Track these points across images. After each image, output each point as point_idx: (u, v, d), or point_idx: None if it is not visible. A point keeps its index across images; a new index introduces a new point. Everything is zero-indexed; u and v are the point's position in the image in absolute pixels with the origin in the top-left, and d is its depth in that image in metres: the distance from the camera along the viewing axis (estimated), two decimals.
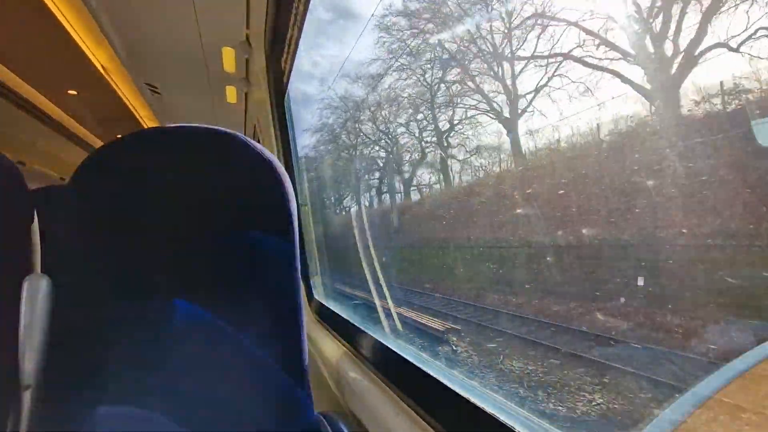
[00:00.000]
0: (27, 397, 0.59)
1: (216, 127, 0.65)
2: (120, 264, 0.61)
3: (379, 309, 1.37)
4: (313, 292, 1.51)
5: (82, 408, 0.56)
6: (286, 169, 0.66)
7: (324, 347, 1.10)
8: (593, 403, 2.43)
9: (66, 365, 0.59)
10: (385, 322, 1.31)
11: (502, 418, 0.49)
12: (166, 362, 0.59)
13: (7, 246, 0.64)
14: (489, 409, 0.51)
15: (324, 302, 1.41)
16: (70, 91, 3.60)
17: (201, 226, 0.63)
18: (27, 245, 0.66)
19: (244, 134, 0.67)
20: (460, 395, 0.57)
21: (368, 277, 1.47)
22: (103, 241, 0.62)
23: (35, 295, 0.60)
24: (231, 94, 2.19)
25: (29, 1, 2.24)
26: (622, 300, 2.98)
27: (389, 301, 1.40)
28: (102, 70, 3.13)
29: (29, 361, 0.58)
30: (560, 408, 2.52)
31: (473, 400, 0.54)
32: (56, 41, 2.63)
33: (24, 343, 0.58)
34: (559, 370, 2.89)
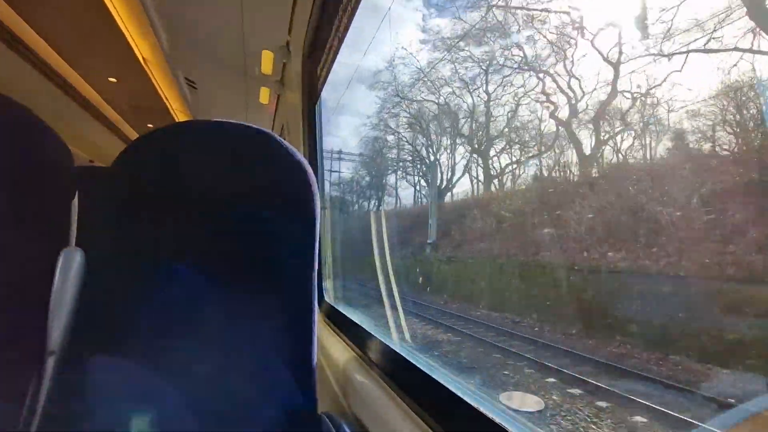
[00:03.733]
0: (50, 362, 0.62)
1: (254, 125, 0.68)
2: (149, 247, 0.64)
3: (389, 315, 1.38)
4: (324, 295, 1.53)
5: (100, 378, 0.59)
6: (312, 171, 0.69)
7: (331, 349, 1.12)
8: None
9: (89, 336, 0.62)
10: (393, 328, 1.32)
11: (511, 428, 0.50)
12: (183, 343, 0.62)
13: (50, 218, 0.68)
14: (498, 419, 0.51)
15: (334, 305, 1.43)
16: (111, 79, 3.76)
17: (230, 217, 0.66)
18: (66, 219, 0.71)
19: None
20: (467, 403, 0.58)
21: (380, 281, 1.49)
22: (136, 223, 0.65)
23: (68, 267, 0.63)
24: (264, 94, 2.27)
25: None
26: None
27: (399, 307, 1.41)
28: (143, 61, 3.28)
29: (56, 329, 0.62)
30: None
31: (481, 409, 0.55)
32: (104, 30, 2.76)
33: (53, 312, 0.62)
34: None
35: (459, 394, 0.61)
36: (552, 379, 3.61)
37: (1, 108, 0.63)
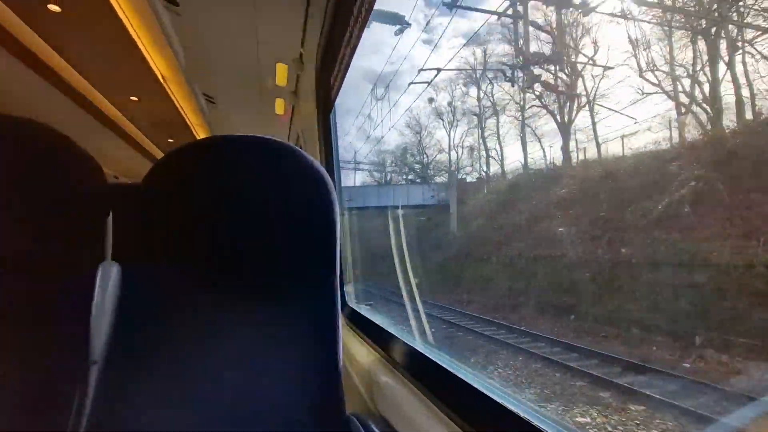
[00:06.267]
0: (94, 371, 0.66)
1: (275, 138, 0.71)
2: (180, 259, 0.67)
3: (411, 316, 1.40)
4: (346, 298, 1.56)
5: (139, 385, 0.62)
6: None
7: (355, 351, 1.14)
8: None
9: (128, 345, 0.65)
10: (415, 329, 1.34)
11: (538, 423, 0.51)
12: (214, 350, 0.64)
13: (87, 234, 0.73)
14: (523, 414, 0.52)
15: (356, 308, 1.46)
16: (132, 98, 3.91)
17: (255, 229, 0.69)
18: (103, 235, 0.75)
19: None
20: (494, 400, 0.59)
21: (401, 284, 1.51)
22: (167, 237, 0.68)
23: (107, 280, 0.67)
24: (279, 106, 2.32)
25: (102, 11, 2.45)
26: None
27: (420, 306, 1.42)
28: (162, 79, 3.39)
29: (98, 339, 0.65)
30: None
31: (508, 405, 0.56)
32: (126, 52, 2.87)
33: (95, 323, 0.66)
34: None
35: (485, 391, 0.62)
36: None
37: (41, 134, 0.68)
